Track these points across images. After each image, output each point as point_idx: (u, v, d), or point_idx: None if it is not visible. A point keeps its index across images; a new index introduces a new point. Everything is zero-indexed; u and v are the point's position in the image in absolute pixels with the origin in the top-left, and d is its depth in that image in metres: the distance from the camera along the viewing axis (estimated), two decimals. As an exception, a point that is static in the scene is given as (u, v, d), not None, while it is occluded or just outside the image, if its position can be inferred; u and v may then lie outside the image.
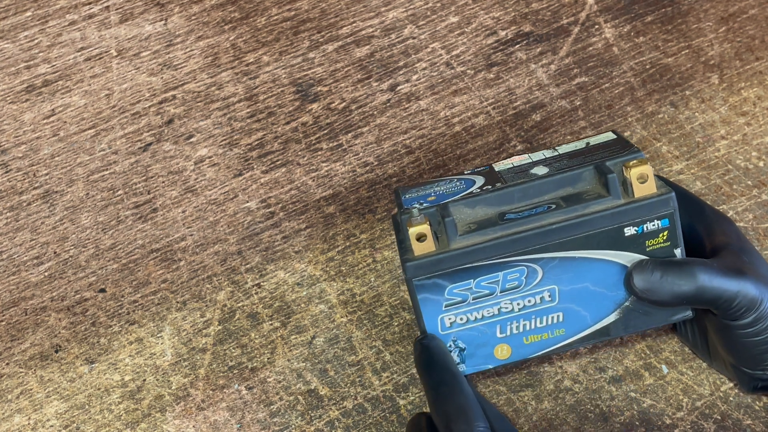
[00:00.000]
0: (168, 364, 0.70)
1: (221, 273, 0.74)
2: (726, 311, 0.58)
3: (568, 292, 0.60)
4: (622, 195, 0.59)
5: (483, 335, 0.61)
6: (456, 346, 0.61)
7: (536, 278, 0.59)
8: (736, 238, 0.61)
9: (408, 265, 0.58)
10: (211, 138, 0.80)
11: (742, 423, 0.63)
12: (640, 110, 0.81)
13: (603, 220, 0.58)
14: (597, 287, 0.60)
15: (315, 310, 0.72)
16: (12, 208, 0.76)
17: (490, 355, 0.61)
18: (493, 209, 0.61)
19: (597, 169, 0.61)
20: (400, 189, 0.66)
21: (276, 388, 0.68)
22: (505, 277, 0.59)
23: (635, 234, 0.59)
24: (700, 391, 0.65)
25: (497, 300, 0.60)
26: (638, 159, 0.60)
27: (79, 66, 0.80)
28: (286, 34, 0.84)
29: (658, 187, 0.59)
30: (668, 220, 0.59)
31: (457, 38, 0.85)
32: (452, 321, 0.60)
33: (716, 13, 0.87)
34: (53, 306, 0.73)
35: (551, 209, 0.59)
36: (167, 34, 0.82)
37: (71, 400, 0.68)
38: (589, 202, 0.59)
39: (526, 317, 0.60)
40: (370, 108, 0.82)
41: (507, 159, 0.67)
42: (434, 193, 0.64)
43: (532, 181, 0.62)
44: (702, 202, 0.64)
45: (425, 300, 0.59)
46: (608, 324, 0.61)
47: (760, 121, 0.80)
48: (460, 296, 0.59)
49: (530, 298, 0.60)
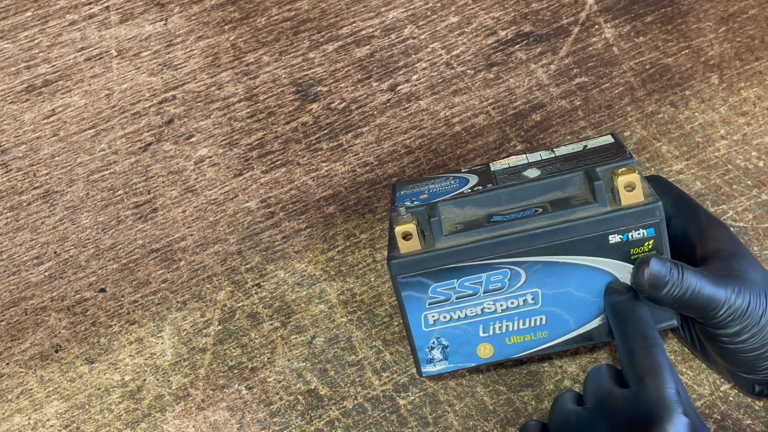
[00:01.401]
0: (168, 364, 0.70)
1: (221, 273, 0.74)
2: (710, 320, 0.58)
3: (552, 296, 0.60)
4: (609, 202, 0.59)
5: (466, 334, 0.61)
6: (439, 343, 0.61)
7: (519, 281, 0.59)
8: (729, 244, 0.61)
9: (393, 263, 0.59)
10: (211, 138, 0.80)
11: (742, 423, 0.63)
12: (640, 110, 0.81)
13: (588, 226, 0.58)
14: (580, 292, 0.60)
15: (315, 310, 0.72)
16: (12, 208, 0.76)
17: (473, 354, 0.62)
18: (481, 210, 0.62)
19: (586, 175, 0.61)
20: (397, 184, 0.67)
21: (276, 388, 0.68)
22: (489, 279, 0.59)
23: (620, 242, 0.59)
24: (700, 391, 0.65)
25: (480, 300, 0.60)
26: (627, 166, 0.60)
27: (79, 66, 0.80)
28: (286, 34, 0.84)
29: (647, 195, 0.59)
30: (654, 229, 0.58)
31: (457, 38, 0.85)
32: (436, 319, 0.61)
33: (716, 13, 0.87)
34: (53, 306, 0.73)
35: (538, 213, 0.59)
36: (167, 34, 0.82)
37: (71, 400, 0.68)
38: (576, 208, 0.59)
39: (509, 318, 0.61)
40: (370, 108, 0.82)
41: (505, 158, 0.68)
42: (427, 191, 0.64)
43: (522, 183, 0.62)
44: (697, 206, 0.64)
45: (409, 297, 0.60)
46: (591, 329, 0.61)
47: (760, 121, 0.80)
48: (443, 295, 0.60)
49: (513, 300, 0.60)
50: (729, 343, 0.58)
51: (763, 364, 0.59)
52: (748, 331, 0.57)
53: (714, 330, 0.58)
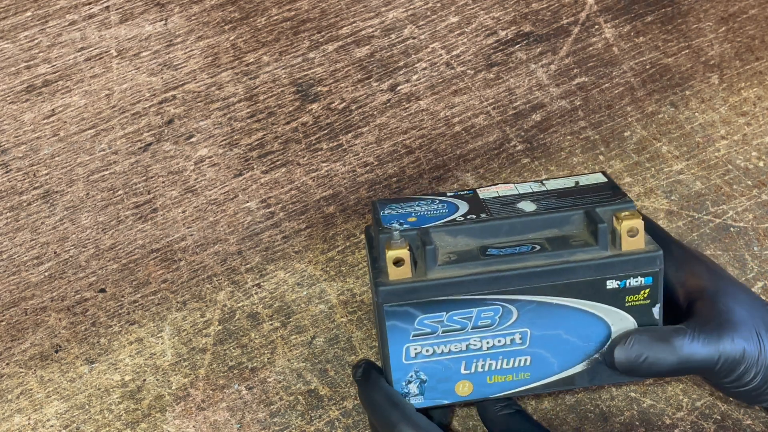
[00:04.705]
0: (168, 364, 0.70)
1: (221, 273, 0.74)
2: (709, 376, 0.57)
3: (540, 337, 0.58)
4: (610, 246, 0.57)
5: (447, 370, 0.59)
6: (417, 377, 0.59)
7: (510, 319, 0.58)
8: (708, 279, 0.59)
9: (381, 290, 0.56)
10: (211, 138, 0.80)
11: (742, 423, 0.63)
12: (640, 110, 0.81)
13: (587, 270, 0.57)
14: (570, 336, 0.58)
15: (315, 310, 0.72)
16: (12, 208, 0.76)
17: (451, 391, 0.59)
18: (475, 241, 0.59)
19: (587, 216, 0.59)
20: (378, 202, 0.64)
21: (276, 388, 0.68)
22: (479, 314, 0.57)
23: (617, 288, 0.57)
24: (700, 391, 0.65)
25: (467, 336, 0.58)
26: (630, 211, 0.58)
27: (79, 66, 0.80)
28: (286, 34, 0.84)
29: (647, 242, 0.58)
30: (652, 278, 0.57)
31: (457, 38, 0.85)
32: (418, 352, 0.58)
33: (716, 13, 0.87)
34: (53, 306, 0.73)
35: (535, 251, 0.58)
36: (167, 34, 0.82)
37: (71, 400, 0.68)
38: (575, 249, 0.57)
39: (493, 357, 0.59)
40: (370, 108, 0.82)
41: (492, 186, 0.65)
42: (414, 214, 0.61)
43: (519, 217, 0.60)
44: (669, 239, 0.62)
45: (393, 327, 0.57)
46: (574, 374, 0.59)
47: (760, 121, 0.80)
48: (429, 327, 0.57)
49: (501, 339, 0.58)
50: (732, 388, 0.57)
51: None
52: (747, 375, 0.56)
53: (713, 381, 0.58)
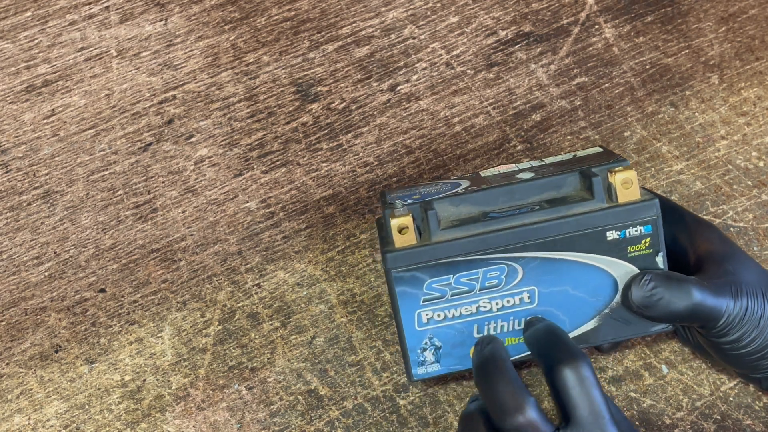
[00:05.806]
0: (168, 364, 0.70)
1: (221, 273, 0.74)
2: (711, 330, 0.58)
3: (548, 295, 0.59)
4: (606, 199, 0.59)
5: (460, 334, 0.60)
6: (432, 344, 0.60)
7: (516, 278, 0.59)
8: (719, 244, 0.61)
9: (388, 256, 0.58)
10: (211, 138, 0.80)
11: (742, 423, 0.63)
12: (640, 110, 0.81)
13: (585, 222, 0.58)
14: (577, 291, 0.59)
15: (315, 310, 0.72)
16: (12, 208, 0.76)
17: (466, 356, 0.61)
18: (477, 208, 0.61)
19: (582, 174, 0.61)
20: (386, 191, 0.66)
21: (276, 388, 0.68)
22: (485, 275, 0.59)
23: (617, 239, 0.58)
24: (700, 391, 0.65)
25: (476, 298, 0.59)
26: (623, 165, 0.60)
27: (79, 66, 0.80)
28: (286, 34, 0.84)
29: (642, 194, 0.59)
30: (651, 226, 0.58)
31: (457, 38, 0.85)
32: (429, 317, 0.60)
33: (716, 13, 0.87)
34: (53, 306, 0.73)
35: (534, 210, 0.59)
36: (167, 34, 0.82)
37: (71, 400, 0.68)
38: (573, 204, 0.59)
39: (505, 318, 0.60)
40: (370, 108, 0.82)
41: (494, 167, 0.67)
42: (419, 193, 0.64)
43: (517, 183, 0.62)
44: (682, 210, 0.64)
45: (403, 293, 0.59)
46: (587, 331, 0.60)
47: (760, 121, 0.80)
48: (438, 291, 0.59)
49: (509, 299, 0.60)
50: (730, 350, 0.58)
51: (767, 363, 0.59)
52: (748, 335, 0.57)
53: (714, 339, 0.58)
